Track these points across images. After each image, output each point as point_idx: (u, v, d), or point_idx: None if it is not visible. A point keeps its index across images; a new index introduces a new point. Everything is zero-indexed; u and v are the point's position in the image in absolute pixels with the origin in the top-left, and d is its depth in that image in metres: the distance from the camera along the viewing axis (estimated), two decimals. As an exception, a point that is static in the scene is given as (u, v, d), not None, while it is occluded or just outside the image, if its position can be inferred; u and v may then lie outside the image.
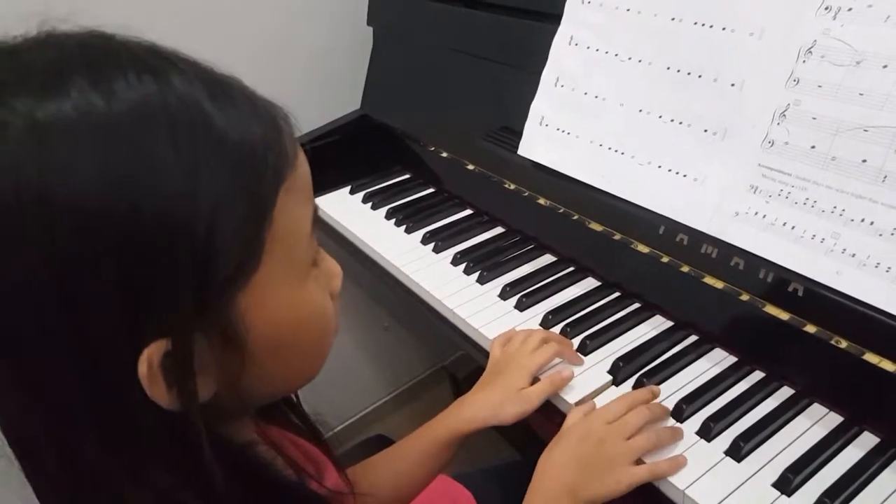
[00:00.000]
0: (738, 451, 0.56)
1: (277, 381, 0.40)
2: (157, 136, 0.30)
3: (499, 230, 0.93)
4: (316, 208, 0.39)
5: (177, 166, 0.30)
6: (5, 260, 0.29)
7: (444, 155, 1.01)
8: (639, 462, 0.56)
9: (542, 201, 0.84)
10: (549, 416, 0.64)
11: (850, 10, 0.54)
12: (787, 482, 0.53)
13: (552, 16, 0.80)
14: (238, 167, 0.33)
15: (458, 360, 1.32)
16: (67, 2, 0.33)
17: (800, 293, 0.58)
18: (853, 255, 0.53)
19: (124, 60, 0.32)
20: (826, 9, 0.56)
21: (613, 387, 0.65)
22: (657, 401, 0.62)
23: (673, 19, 0.67)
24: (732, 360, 0.66)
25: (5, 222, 0.29)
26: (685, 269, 0.68)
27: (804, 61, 0.57)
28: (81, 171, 0.29)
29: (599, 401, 0.63)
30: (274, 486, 0.41)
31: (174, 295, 0.31)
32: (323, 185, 1.06)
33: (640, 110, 0.70)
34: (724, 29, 0.63)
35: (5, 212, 0.29)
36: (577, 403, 0.63)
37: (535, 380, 0.65)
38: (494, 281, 0.82)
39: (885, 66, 0.52)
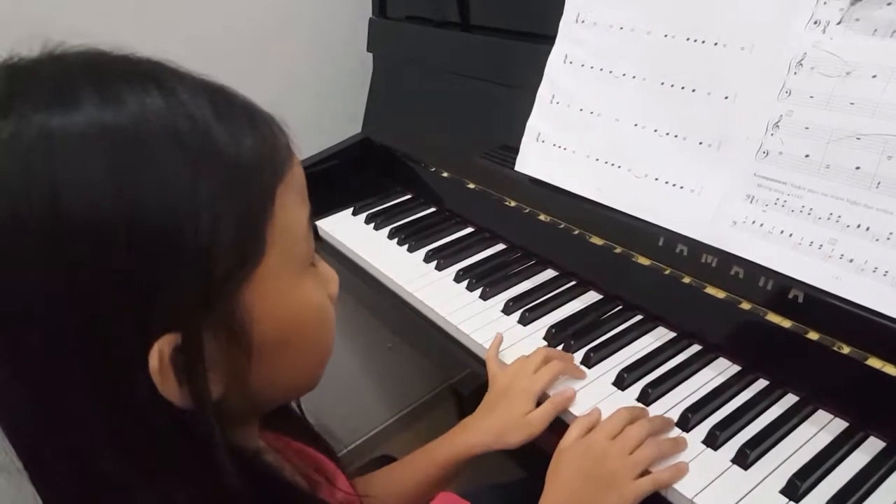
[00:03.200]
0: (744, 459, 0.56)
1: (281, 381, 0.40)
2: (162, 143, 0.32)
3: (500, 247, 0.93)
4: (310, 210, 0.40)
5: (180, 171, 0.32)
6: (17, 265, 0.30)
7: (445, 175, 1.03)
8: (643, 474, 0.56)
9: (542, 217, 0.85)
10: (553, 429, 0.64)
11: (838, 23, 0.56)
12: (795, 488, 0.53)
13: (545, 37, 0.82)
14: (238, 169, 0.34)
15: (464, 378, 1.32)
16: (65, 25, 0.34)
17: (800, 300, 0.59)
18: (851, 261, 0.54)
19: (129, 72, 0.34)
20: (815, 22, 0.57)
21: (619, 391, 0.66)
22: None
23: (666, 36, 0.69)
24: (736, 368, 0.67)
25: (17, 228, 0.30)
26: (686, 279, 0.69)
27: (795, 73, 0.58)
28: (90, 177, 0.30)
29: (603, 407, 0.63)
30: (285, 493, 0.41)
31: (181, 290, 0.32)
32: (326, 206, 1.08)
33: (636, 125, 0.72)
34: (715, 44, 0.65)
35: (17, 218, 0.30)
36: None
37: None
38: (497, 297, 0.82)
39: (874, 76, 0.53)
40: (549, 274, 0.86)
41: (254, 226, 0.34)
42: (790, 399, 0.62)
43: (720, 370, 0.67)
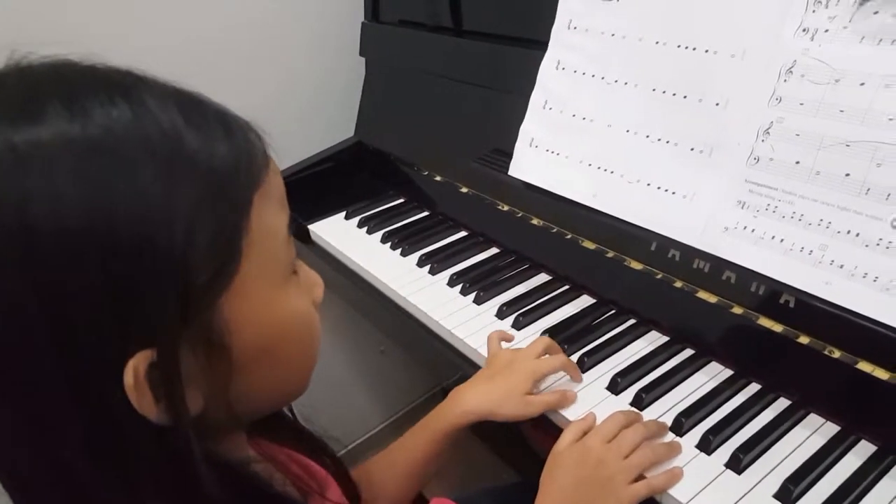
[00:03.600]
0: (738, 464, 0.57)
1: (266, 391, 0.40)
2: (133, 154, 0.31)
3: (494, 251, 0.94)
4: (290, 216, 0.40)
5: (153, 181, 0.31)
6: None
7: (438, 179, 1.03)
8: (638, 479, 0.56)
9: (535, 221, 0.86)
10: (547, 431, 0.64)
11: (826, 31, 0.56)
12: (788, 493, 0.53)
13: (537, 42, 0.83)
14: (212, 177, 0.34)
15: (457, 381, 1.32)
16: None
17: (791, 305, 0.60)
18: (841, 266, 0.54)
19: (97, 84, 0.33)
20: (804, 30, 0.58)
21: (613, 395, 0.66)
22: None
23: (657, 43, 0.69)
24: (728, 372, 0.67)
25: None
26: (678, 284, 0.70)
27: (785, 80, 0.59)
28: (60, 190, 0.30)
29: (597, 411, 0.63)
30: None
31: (156, 303, 0.31)
32: (318, 210, 1.08)
33: (628, 130, 0.72)
34: (706, 51, 0.65)
35: None
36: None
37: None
38: (491, 301, 0.83)
39: (862, 84, 0.54)
40: (543, 278, 0.86)
41: (230, 235, 0.34)
42: (782, 403, 0.63)
43: (713, 374, 0.67)
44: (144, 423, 0.33)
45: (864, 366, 0.57)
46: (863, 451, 0.57)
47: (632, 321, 0.76)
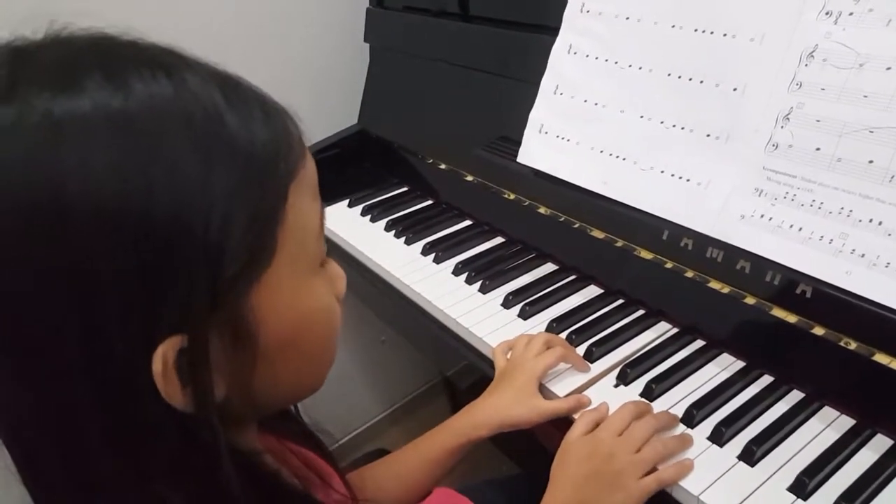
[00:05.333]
0: (750, 456, 0.56)
1: (286, 384, 0.39)
2: (173, 132, 0.30)
3: (499, 240, 0.92)
4: (323, 206, 0.39)
5: (192, 162, 0.30)
6: (18, 258, 0.29)
7: (443, 167, 1.01)
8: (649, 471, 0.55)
9: (542, 210, 0.84)
10: (555, 425, 0.63)
11: (850, 14, 0.55)
12: (803, 486, 0.52)
13: (545, 27, 0.81)
14: (251, 163, 0.33)
15: (460, 371, 1.32)
16: (70, 4, 0.33)
17: (808, 295, 0.58)
18: (863, 256, 0.53)
19: (139, 59, 0.32)
20: (827, 13, 0.56)
21: (623, 386, 0.65)
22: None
23: (673, 26, 0.67)
24: (741, 364, 0.66)
25: (19, 215, 0.28)
26: (690, 274, 0.68)
27: (806, 65, 0.57)
28: (97, 166, 0.29)
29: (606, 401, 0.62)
30: (282, 495, 0.40)
31: (189, 289, 0.30)
32: (321, 198, 1.06)
33: (642, 116, 0.71)
34: (724, 35, 0.64)
35: (19, 208, 0.28)
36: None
37: (545, 390, 0.64)
38: (497, 290, 0.81)
39: (888, 69, 0.52)
40: (549, 268, 0.85)
41: (266, 224, 0.33)
42: (796, 395, 0.61)
43: (724, 366, 0.66)
44: (168, 410, 0.32)
45: (880, 357, 0.55)
46: (879, 445, 0.56)
47: (641, 311, 0.75)
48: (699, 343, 0.69)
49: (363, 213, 1.03)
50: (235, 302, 0.32)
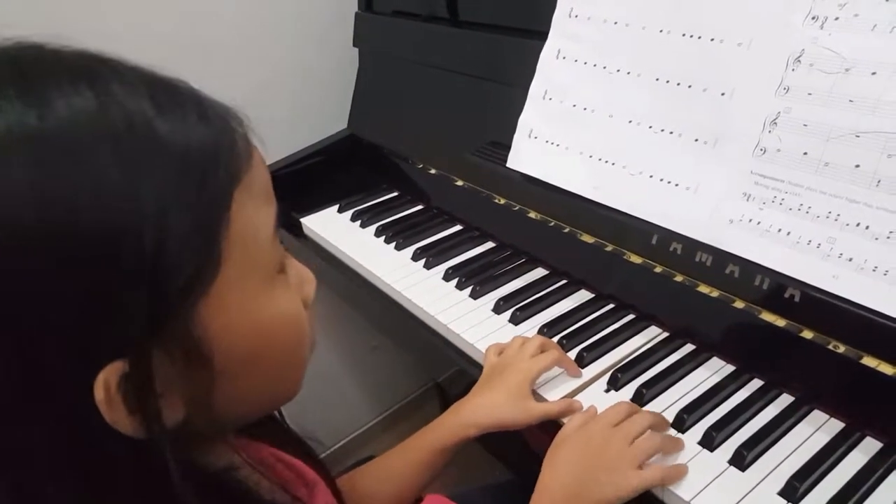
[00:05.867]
0: (741, 460, 0.56)
1: (253, 398, 0.38)
2: (95, 146, 0.29)
3: (490, 245, 0.92)
4: (277, 211, 0.37)
5: (118, 177, 0.29)
6: None
7: (433, 171, 1.01)
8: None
9: (532, 215, 0.84)
10: (546, 431, 0.63)
11: (836, 19, 0.55)
12: (794, 490, 0.52)
13: (534, 32, 0.81)
14: (186, 170, 0.31)
15: (451, 376, 1.31)
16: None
17: (796, 299, 0.58)
18: (850, 260, 0.53)
19: (58, 70, 0.30)
20: (813, 18, 0.57)
21: (614, 391, 0.65)
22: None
23: (661, 31, 0.68)
24: (731, 368, 0.66)
25: None
26: (679, 278, 0.68)
27: (793, 70, 0.58)
28: (15, 188, 0.27)
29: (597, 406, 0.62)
30: None
31: (125, 311, 0.29)
32: (311, 204, 1.06)
33: (630, 121, 0.71)
34: (712, 40, 0.64)
35: None
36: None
37: (539, 396, 0.64)
38: (488, 295, 0.81)
39: (873, 73, 0.52)
40: (540, 272, 0.85)
41: (207, 235, 0.31)
42: (786, 399, 0.62)
43: (714, 370, 0.66)
44: (119, 436, 0.30)
45: (868, 361, 0.56)
46: (868, 447, 0.56)
47: (631, 316, 0.75)
48: (689, 347, 0.70)
49: (353, 219, 1.02)
50: (181, 320, 0.31)
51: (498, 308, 0.78)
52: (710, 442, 0.58)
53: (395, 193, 1.08)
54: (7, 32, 0.31)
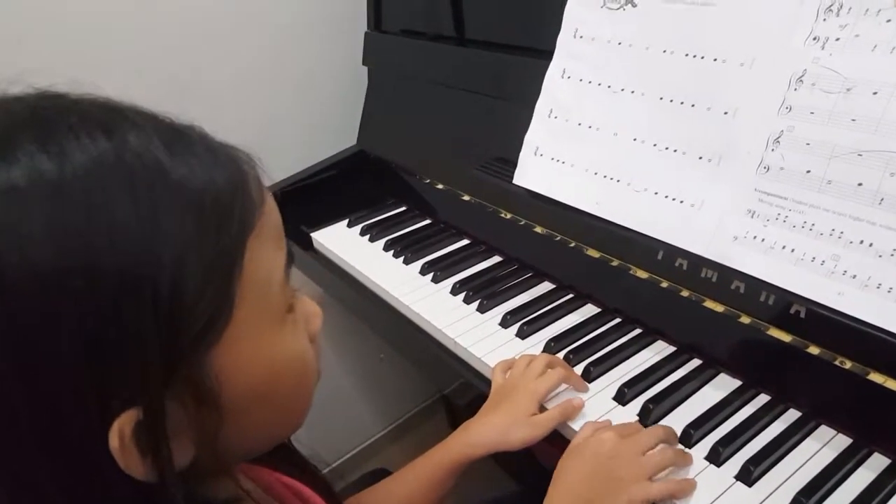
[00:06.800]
0: (748, 476, 0.56)
1: (260, 433, 0.39)
2: (112, 195, 0.29)
3: (497, 259, 0.93)
4: (289, 253, 0.38)
5: (134, 225, 0.29)
6: None
7: (440, 187, 1.02)
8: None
9: (538, 229, 0.85)
10: (553, 443, 0.63)
11: (837, 39, 0.56)
12: (800, 506, 0.53)
13: (540, 51, 0.83)
14: (201, 219, 0.31)
15: (458, 389, 1.32)
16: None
17: (802, 315, 0.59)
18: (854, 277, 0.54)
19: (75, 120, 0.31)
20: (814, 39, 0.57)
21: (620, 406, 0.65)
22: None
23: (664, 51, 0.69)
24: (737, 383, 0.66)
25: None
26: (685, 293, 0.69)
27: (795, 89, 0.58)
28: (32, 237, 0.28)
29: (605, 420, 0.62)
30: None
31: (141, 360, 0.29)
32: (320, 219, 1.07)
33: (635, 139, 0.72)
34: (715, 60, 0.65)
35: None
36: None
37: (543, 407, 0.65)
38: (495, 309, 0.82)
39: (875, 93, 0.53)
40: (547, 287, 0.85)
41: (222, 282, 0.32)
42: (792, 414, 0.62)
43: (721, 385, 0.67)
44: (128, 479, 0.31)
45: (875, 377, 0.56)
46: (876, 464, 0.56)
47: (638, 331, 0.75)
48: (696, 362, 0.70)
49: (362, 233, 1.03)
50: (194, 367, 0.31)
51: (505, 322, 0.79)
52: (716, 457, 0.58)
53: (404, 208, 1.10)
54: (34, 78, 0.32)
